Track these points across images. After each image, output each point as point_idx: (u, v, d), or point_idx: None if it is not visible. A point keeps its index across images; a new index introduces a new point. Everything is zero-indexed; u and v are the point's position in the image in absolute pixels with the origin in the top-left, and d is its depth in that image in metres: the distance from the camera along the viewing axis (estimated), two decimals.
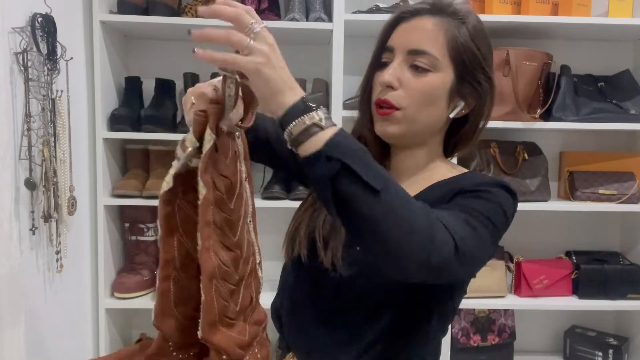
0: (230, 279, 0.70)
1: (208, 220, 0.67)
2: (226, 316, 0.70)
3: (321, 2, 1.95)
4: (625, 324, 2.24)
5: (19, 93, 1.41)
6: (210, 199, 0.67)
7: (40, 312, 1.56)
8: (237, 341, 0.70)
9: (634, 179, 2.04)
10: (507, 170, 2.00)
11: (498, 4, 1.94)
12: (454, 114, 0.83)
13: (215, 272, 0.67)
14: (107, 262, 1.93)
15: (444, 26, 0.79)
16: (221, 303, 0.69)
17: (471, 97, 0.83)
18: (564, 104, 1.99)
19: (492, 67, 0.84)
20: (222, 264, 0.68)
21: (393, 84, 0.79)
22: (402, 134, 0.82)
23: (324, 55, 2.10)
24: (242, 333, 0.72)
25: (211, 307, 0.67)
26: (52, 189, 1.52)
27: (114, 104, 1.99)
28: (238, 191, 0.71)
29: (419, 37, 0.79)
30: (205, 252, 0.67)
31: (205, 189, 0.67)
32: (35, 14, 1.46)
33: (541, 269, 2.04)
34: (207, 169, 0.67)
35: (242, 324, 0.73)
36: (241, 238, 0.72)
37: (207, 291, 0.66)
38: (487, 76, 0.82)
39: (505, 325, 2.12)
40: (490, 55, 0.83)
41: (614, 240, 2.27)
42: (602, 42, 2.19)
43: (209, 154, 0.67)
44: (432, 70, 0.79)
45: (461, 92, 0.82)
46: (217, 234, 0.68)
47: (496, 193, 0.77)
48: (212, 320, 0.68)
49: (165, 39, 2.12)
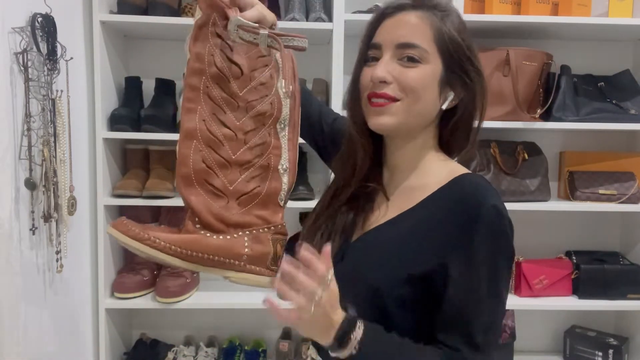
0: (220, 151, 0.76)
1: (193, 85, 0.75)
2: (206, 181, 0.76)
3: (321, 2, 1.95)
4: (625, 324, 2.24)
5: (19, 93, 1.41)
6: (196, 68, 0.75)
7: (40, 312, 1.56)
8: (214, 210, 0.75)
9: (634, 179, 2.04)
10: (507, 170, 2.00)
11: (498, 4, 1.94)
12: (446, 104, 0.84)
13: (197, 134, 0.75)
14: (107, 262, 1.93)
15: (429, 19, 0.80)
16: (199, 164, 0.75)
17: (460, 88, 0.84)
18: (564, 104, 1.99)
19: (478, 59, 0.85)
20: (209, 132, 0.75)
21: (386, 79, 0.80)
22: (397, 125, 0.83)
23: (324, 55, 2.10)
24: (226, 209, 0.76)
25: (185, 161, 0.74)
26: (52, 189, 1.52)
27: (114, 104, 1.99)
28: (253, 85, 0.79)
29: (406, 31, 0.80)
30: (187, 114, 0.75)
31: (190, 57, 0.76)
32: (35, 14, 1.46)
33: (541, 269, 2.04)
34: (197, 42, 0.76)
35: (232, 203, 0.77)
36: (246, 127, 0.78)
37: (182, 145, 0.75)
38: (475, 67, 0.83)
39: (505, 325, 2.12)
40: (474, 48, 0.84)
41: (614, 240, 2.27)
42: (602, 42, 2.19)
43: (196, 29, 0.76)
44: (422, 62, 0.80)
45: (450, 83, 0.83)
46: (211, 106, 0.76)
47: (494, 239, 0.78)
48: (186, 174, 0.74)
49: (165, 39, 2.12)
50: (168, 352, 2.07)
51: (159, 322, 2.22)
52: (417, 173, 0.88)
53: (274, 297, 0.73)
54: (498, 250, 0.78)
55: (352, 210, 0.89)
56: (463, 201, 0.79)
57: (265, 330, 2.24)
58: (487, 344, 0.77)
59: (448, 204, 0.81)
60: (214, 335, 2.22)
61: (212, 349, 2.09)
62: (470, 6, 1.97)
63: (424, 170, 0.87)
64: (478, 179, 0.83)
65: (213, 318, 2.22)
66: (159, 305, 1.92)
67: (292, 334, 2.19)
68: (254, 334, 2.22)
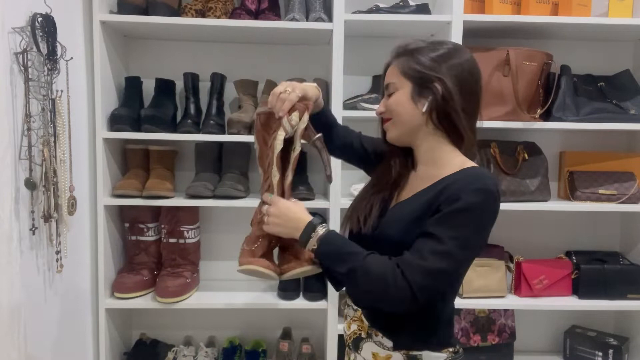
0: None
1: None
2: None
3: (321, 2, 1.95)
4: (625, 324, 2.24)
5: (19, 93, 1.41)
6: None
7: (40, 312, 1.56)
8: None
9: (634, 179, 2.04)
10: (507, 170, 2.00)
11: (498, 4, 1.94)
12: (425, 108, 1.11)
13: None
14: (107, 262, 1.93)
15: (399, 61, 1.15)
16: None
17: (430, 94, 1.10)
18: (564, 104, 1.99)
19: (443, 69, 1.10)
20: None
21: (381, 110, 1.19)
22: (397, 134, 1.17)
23: (324, 55, 2.10)
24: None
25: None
26: (52, 189, 1.52)
27: (114, 104, 1.99)
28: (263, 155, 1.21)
29: (387, 76, 1.18)
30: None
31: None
32: (35, 14, 1.46)
33: (541, 269, 2.04)
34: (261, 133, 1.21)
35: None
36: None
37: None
38: (437, 77, 1.09)
39: (505, 325, 2.12)
40: (436, 63, 1.10)
41: (614, 240, 2.27)
42: (602, 42, 2.20)
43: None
44: (395, 91, 1.15)
45: (421, 94, 1.11)
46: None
47: (471, 205, 1.02)
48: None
49: (165, 39, 2.12)
50: (168, 352, 2.07)
51: (159, 322, 2.22)
52: (434, 165, 1.14)
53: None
54: (473, 216, 1.02)
55: (387, 191, 1.21)
56: (464, 179, 1.05)
57: (265, 330, 2.24)
58: (423, 288, 1.00)
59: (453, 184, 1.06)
60: (214, 335, 2.22)
61: (212, 349, 2.10)
62: (470, 6, 1.97)
63: (440, 163, 1.13)
64: (484, 170, 1.10)
65: (213, 318, 2.22)
66: (159, 305, 1.92)
67: (292, 334, 2.19)
68: (254, 334, 2.22)
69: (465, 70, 1.11)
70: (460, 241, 1.01)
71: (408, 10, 1.95)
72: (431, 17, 1.93)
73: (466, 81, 1.11)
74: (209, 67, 2.07)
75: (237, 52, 2.15)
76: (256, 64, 2.15)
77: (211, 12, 1.92)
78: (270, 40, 2.10)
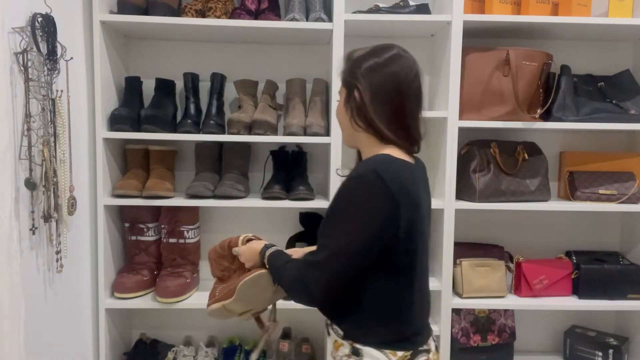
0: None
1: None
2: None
3: (321, 2, 1.95)
4: (625, 324, 2.24)
5: (19, 93, 1.41)
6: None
7: (40, 312, 1.56)
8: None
9: (634, 179, 2.04)
10: (507, 170, 2.00)
11: (498, 4, 1.94)
12: (348, 114, 1.19)
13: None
14: (107, 262, 1.93)
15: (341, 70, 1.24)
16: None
17: (352, 100, 1.18)
18: (564, 104, 1.99)
19: (359, 74, 1.16)
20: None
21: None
22: (345, 140, 1.29)
23: (324, 55, 2.10)
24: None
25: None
26: (52, 189, 1.52)
27: (114, 104, 1.99)
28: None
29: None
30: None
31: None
32: (35, 14, 1.46)
33: (541, 269, 2.04)
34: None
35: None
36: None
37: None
38: (354, 83, 1.16)
39: (505, 325, 2.12)
40: (356, 70, 1.17)
41: (614, 240, 2.27)
42: (602, 42, 2.20)
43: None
44: (339, 97, 1.24)
45: (348, 100, 1.19)
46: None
47: (343, 194, 1.12)
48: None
49: (165, 39, 2.12)
50: (168, 352, 2.07)
51: (159, 322, 2.22)
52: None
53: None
54: (355, 196, 1.09)
55: None
56: (353, 171, 1.15)
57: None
58: (323, 258, 1.10)
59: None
60: (214, 335, 2.22)
61: (212, 349, 2.09)
62: (470, 6, 1.97)
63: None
64: (381, 156, 1.13)
65: (213, 318, 2.22)
66: (159, 305, 1.92)
67: (292, 334, 2.19)
68: (254, 334, 2.22)
69: (382, 75, 1.15)
70: (336, 230, 1.10)
71: (408, 10, 1.95)
72: (431, 17, 1.93)
73: (381, 86, 1.14)
74: (209, 67, 2.07)
75: (237, 52, 2.15)
76: (256, 64, 2.15)
77: (211, 12, 1.92)
78: (270, 40, 2.10)
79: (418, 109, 1.19)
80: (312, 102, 2.03)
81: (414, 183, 1.13)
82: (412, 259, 1.14)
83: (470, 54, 1.93)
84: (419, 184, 1.17)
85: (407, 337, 1.16)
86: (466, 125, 1.93)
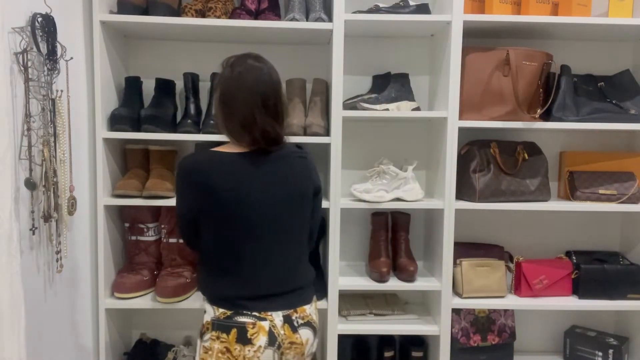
0: None
1: None
2: None
3: (321, 2, 1.95)
4: (625, 324, 2.24)
5: (19, 93, 1.41)
6: None
7: (40, 312, 1.56)
8: None
9: (634, 179, 2.04)
10: (507, 170, 2.00)
11: (498, 4, 1.94)
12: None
13: None
14: (107, 262, 1.93)
15: None
16: None
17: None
18: (564, 104, 1.99)
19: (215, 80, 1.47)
20: None
21: None
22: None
23: (324, 55, 2.10)
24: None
25: None
26: (52, 189, 1.52)
27: (114, 104, 1.99)
28: None
29: None
30: None
31: None
32: (35, 14, 1.46)
33: (541, 269, 2.04)
34: None
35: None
36: None
37: None
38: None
39: (505, 325, 2.12)
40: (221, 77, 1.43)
41: (614, 240, 2.27)
42: (602, 42, 2.20)
43: None
44: None
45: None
46: None
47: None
48: None
49: (165, 39, 2.12)
50: (168, 352, 2.07)
51: (159, 322, 2.22)
52: None
53: None
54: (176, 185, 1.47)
55: None
56: None
57: None
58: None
59: None
60: None
61: None
62: (470, 6, 1.97)
63: None
64: (204, 152, 1.41)
65: None
66: (159, 305, 1.92)
67: None
68: None
69: (224, 82, 1.40)
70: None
71: (408, 10, 1.95)
72: (431, 17, 1.93)
73: (223, 92, 1.40)
74: (209, 67, 2.07)
75: (237, 52, 2.14)
76: None
77: (211, 12, 1.92)
78: (270, 40, 2.10)
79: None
80: (312, 102, 2.03)
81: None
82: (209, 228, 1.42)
83: (470, 54, 1.93)
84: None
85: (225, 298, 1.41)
86: (466, 125, 1.93)
